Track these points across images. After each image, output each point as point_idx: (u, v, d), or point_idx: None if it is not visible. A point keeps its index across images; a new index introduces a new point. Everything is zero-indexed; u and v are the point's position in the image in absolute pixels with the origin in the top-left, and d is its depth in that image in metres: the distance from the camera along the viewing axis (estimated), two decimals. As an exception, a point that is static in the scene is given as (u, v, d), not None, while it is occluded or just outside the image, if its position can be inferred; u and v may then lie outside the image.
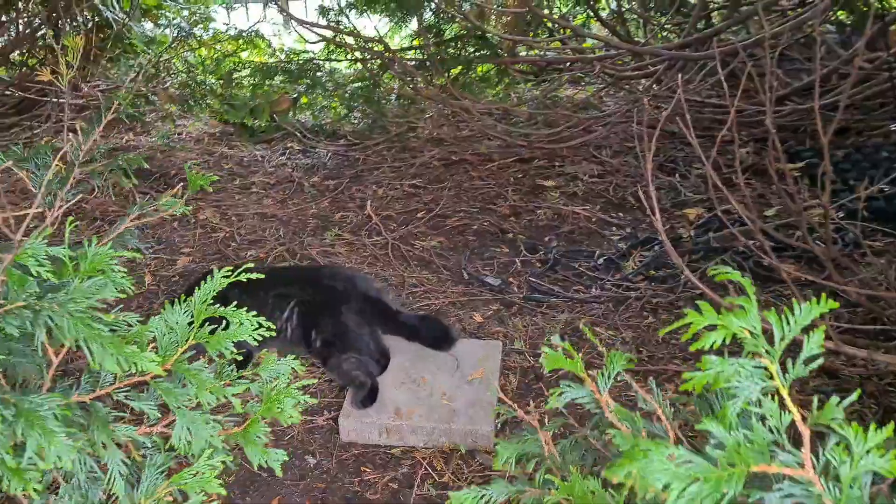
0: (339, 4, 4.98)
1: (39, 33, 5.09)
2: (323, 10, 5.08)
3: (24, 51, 5.28)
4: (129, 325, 1.34)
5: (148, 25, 6.09)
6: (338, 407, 2.53)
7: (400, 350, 2.70)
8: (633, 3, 6.14)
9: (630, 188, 4.25)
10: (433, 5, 5.02)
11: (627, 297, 3.19)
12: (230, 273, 1.34)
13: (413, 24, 5.16)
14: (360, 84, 5.48)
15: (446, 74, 5.04)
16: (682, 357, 2.77)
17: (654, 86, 5.03)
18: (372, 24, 5.05)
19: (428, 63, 5.03)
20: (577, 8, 6.04)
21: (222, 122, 5.71)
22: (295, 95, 5.68)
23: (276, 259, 3.60)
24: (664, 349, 2.83)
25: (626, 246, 3.61)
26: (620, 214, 3.99)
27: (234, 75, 5.55)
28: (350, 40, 5.13)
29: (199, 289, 1.32)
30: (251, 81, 5.47)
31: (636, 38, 6.00)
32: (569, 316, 3.07)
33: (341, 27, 5.16)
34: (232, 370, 1.41)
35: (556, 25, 4.70)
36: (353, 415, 2.43)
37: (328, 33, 5.07)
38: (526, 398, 2.60)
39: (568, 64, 5.13)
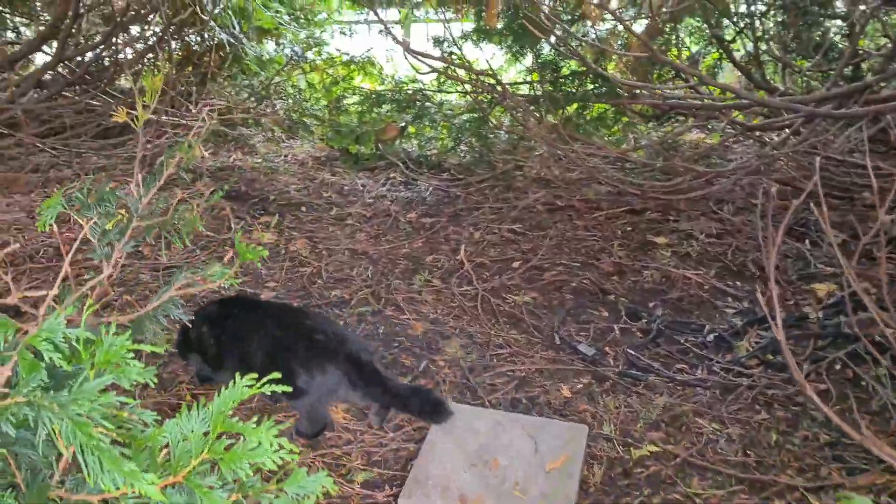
0: (452, 35, 4.86)
1: (149, 55, 5.23)
2: (437, 41, 4.97)
3: (133, 73, 5.47)
4: (145, 425, 1.20)
5: (270, 46, 6.21)
6: (401, 482, 2.34)
7: (473, 429, 2.48)
8: (772, 43, 5.70)
9: (752, 253, 3.87)
10: (552, 39, 4.81)
11: (738, 384, 2.84)
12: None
13: (528, 59, 4.97)
14: (468, 116, 5.34)
15: (560, 112, 4.82)
16: (798, 468, 2.41)
17: (791, 138, 4.61)
18: (486, 57, 4.90)
19: (541, 100, 4.82)
20: (709, 47, 5.66)
21: (328, 147, 5.71)
22: (402, 124, 5.61)
23: (358, 302, 3.47)
24: (776, 454, 2.48)
25: (742, 322, 3.25)
26: (738, 283, 3.63)
27: (343, 101, 5.53)
28: (462, 72, 4.99)
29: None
30: (359, 108, 5.43)
31: (774, 83, 5.56)
32: (668, 400, 2.76)
33: (454, 58, 5.04)
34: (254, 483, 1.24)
35: (679, 71, 4.39)
36: (413, 496, 2.23)
37: (440, 64, 4.95)
38: (610, 495, 2.32)
39: (693, 110, 4.79)
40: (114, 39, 5.22)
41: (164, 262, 3.74)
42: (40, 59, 5.61)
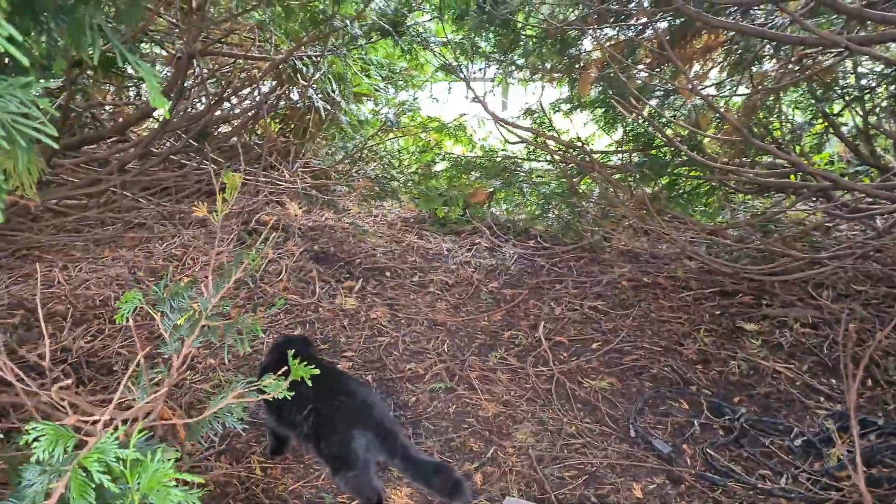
0: (543, 106, 4.89)
1: (251, 113, 5.49)
2: (528, 112, 5.01)
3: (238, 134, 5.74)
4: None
5: (369, 105, 6.42)
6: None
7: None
8: (882, 117, 5.45)
9: (851, 348, 3.65)
10: (644, 113, 4.76)
11: (827, 498, 2.66)
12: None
13: (620, 131, 4.93)
14: (556, 184, 5.33)
15: (651, 184, 4.74)
16: None
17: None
18: (577, 125, 4.89)
19: (631, 171, 4.76)
20: (814, 120, 5.46)
21: (417, 209, 5.81)
22: (491, 189, 5.65)
23: (432, 378, 3.48)
24: (866, 584, 2.29)
25: (835, 426, 3.06)
26: (833, 382, 3.42)
27: (433, 167, 5.64)
28: (551, 143, 5.00)
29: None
30: (447, 174, 5.52)
31: (885, 159, 5.30)
32: (748, 510, 2.61)
33: (544, 128, 5.06)
34: None
35: (782, 146, 4.23)
36: None
37: (528, 135, 4.98)
38: None
39: (793, 190, 4.60)
40: (223, 102, 5.52)
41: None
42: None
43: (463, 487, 2.35)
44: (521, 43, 4.93)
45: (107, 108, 6.12)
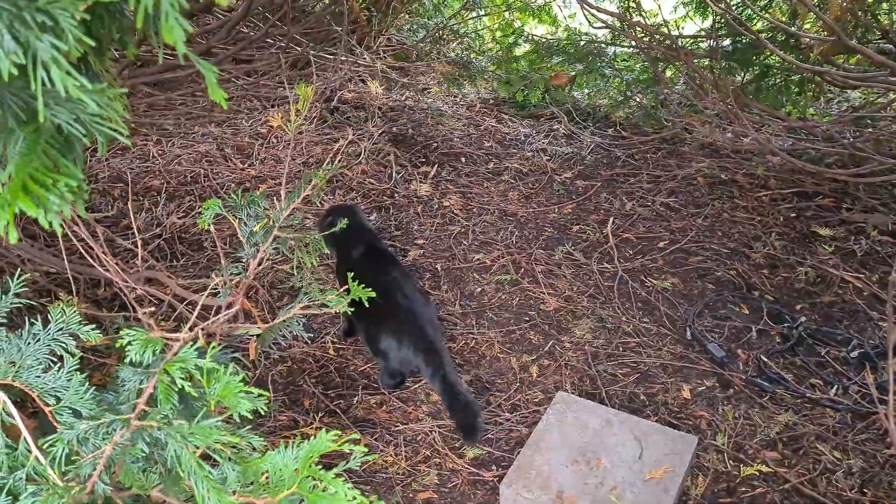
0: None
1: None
2: (614, -8, 4.80)
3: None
4: (254, 449, 1.43)
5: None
6: (507, 464, 2.53)
7: (583, 424, 2.59)
8: None
9: (929, 258, 3.56)
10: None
11: (873, 411, 2.72)
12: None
13: (710, 18, 4.67)
14: (640, 70, 5.16)
15: (742, 74, 4.54)
16: (918, 517, 2.33)
17: None
18: (662, 11, 4.66)
19: (719, 61, 4.55)
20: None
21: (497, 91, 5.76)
22: (574, 72, 5.52)
23: (499, 269, 3.62)
24: (898, 497, 2.40)
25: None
26: (903, 294, 3.37)
27: (515, 49, 5.52)
28: (637, 29, 4.80)
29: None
30: (528, 58, 5.40)
31: None
32: (792, 418, 2.71)
33: (631, 9, 4.85)
34: None
35: (890, 35, 3.91)
36: (514, 484, 2.40)
37: (614, 20, 4.79)
38: (708, 511, 2.38)
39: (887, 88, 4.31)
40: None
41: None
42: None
43: (475, 433, 2.55)
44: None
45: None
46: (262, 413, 1.43)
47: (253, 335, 2.89)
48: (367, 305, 2.94)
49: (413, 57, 5.18)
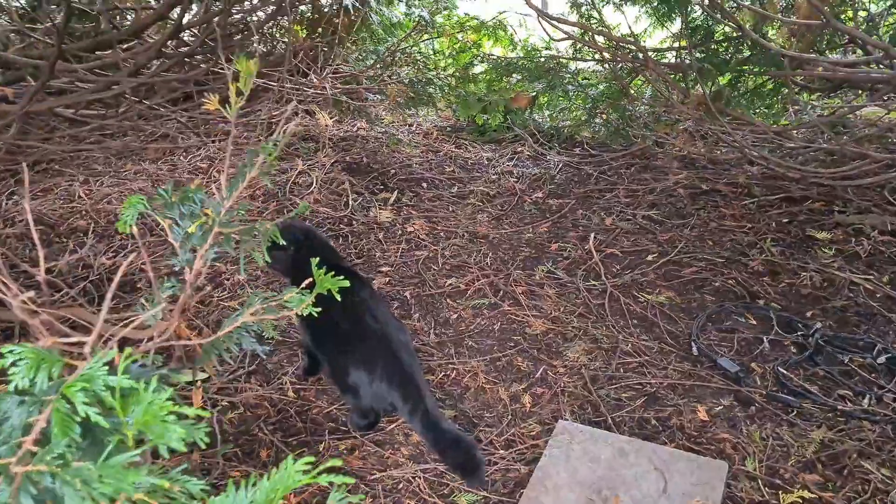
0: (592, -2, 4.48)
1: (268, 24, 5.16)
2: (574, 4, 4.60)
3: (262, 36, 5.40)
4: (192, 497, 1.03)
5: (401, 8, 6.01)
6: (507, 509, 2.13)
7: (592, 456, 2.22)
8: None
9: (937, 256, 3.33)
10: (704, 1, 4.32)
11: (916, 421, 2.41)
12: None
13: (677, 23, 4.50)
14: (606, 86, 4.95)
15: (710, 84, 4.35)
16: None
17: None
18: (627, 21, 4.48)
19: (689, 69, 4.36)
20: (894, 7, 4.94)
21: (454, 117, 5.49)
22: (534, 93, 5.30)
23: (475, 293, 3.26)
24: (964, 516, 2.07)
25: (923, 343, 2.79)
26: (919, 293, 3.12)
27: (471, 69, 5.28)
28: (600, 39, 4.60)
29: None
30: (486, 77, 5.16)
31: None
32: (827, 434, 2.38)
33: (592, 23, 4.65)
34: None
35: (861, 42, 3.78)
36: (520, 532, 2.01)
37: (576, 31, 4.59)
38: (750, 549, 2.01)
39: (870, 85, 4.18)
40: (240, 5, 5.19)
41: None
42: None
43: (480, 470, 2.13)
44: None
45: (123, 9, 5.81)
46: (203, 446, 1.03)
47: (196, 381, 2.47)
48: (333, 332, 2.60)
49: (363, 82, 4.89)
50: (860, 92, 4.90)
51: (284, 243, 2.63)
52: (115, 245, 3.59)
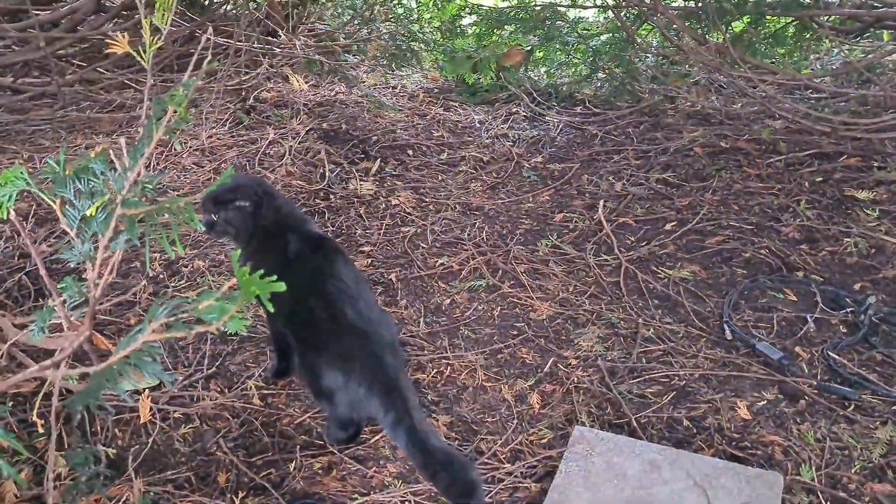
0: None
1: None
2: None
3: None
4: None
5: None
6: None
7: (617, 470, 1.86)
8: None
9: None
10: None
11: None
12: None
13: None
14: (608, 37, 4.53)
15: (725, 29, 3.93)
16: None
17: None
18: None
19: (702, 13, 3.94)
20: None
21: (442, 77, 5.07)
22: (529, 48, 4.87)
23: (470, 273, 2.88)
24: None
25: None
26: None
27: (459, 21, 4.84)
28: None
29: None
30: (476, 30, 4.73)
31: None
32: (894, 433, 2.02)
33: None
34: None
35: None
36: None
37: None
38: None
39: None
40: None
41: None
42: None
43: (478, 493, 1.74)
44: None
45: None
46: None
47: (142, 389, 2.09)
48: (302, 324, 2.20)
49: (339, 40, 4.46)
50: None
51: (240, 201, 2.22)
52: (58, 230, 3.19)
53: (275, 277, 0.92)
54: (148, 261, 1.10)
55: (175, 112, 1.11)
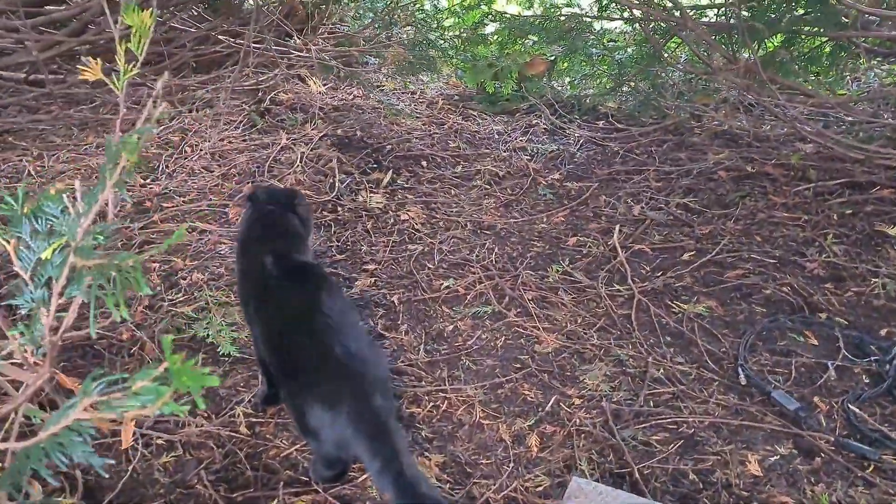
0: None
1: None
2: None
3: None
4: None
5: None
6: None
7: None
8: None
9: None
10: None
11: None
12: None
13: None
14: (634, 50, 4.40)
15: (757, 47, 3.79)
16: None
17: None
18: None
19: (733, 30, 3.80)
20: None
21: (462, 85, 4.97)
22: (552, 58, 4.76)
23: (475, 299, 2.79)
24: None
25: None
26: None
27: (481, 29, 4.74)
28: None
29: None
30: (498, 38, 4.63)
31: None
32: (917, 499, 1.90)
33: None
34: None
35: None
36: None
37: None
38: None
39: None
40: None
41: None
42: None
43: None
44: None
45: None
46: None
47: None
48: (288, 358, 2.12)
49: (359, 44, 4.37)
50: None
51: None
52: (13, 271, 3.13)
53: (208, 370, 0.83)
54: (94, 327, 1.00)
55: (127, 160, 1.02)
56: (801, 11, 3.83)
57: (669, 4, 3.97)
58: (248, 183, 3.59)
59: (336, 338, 1.92)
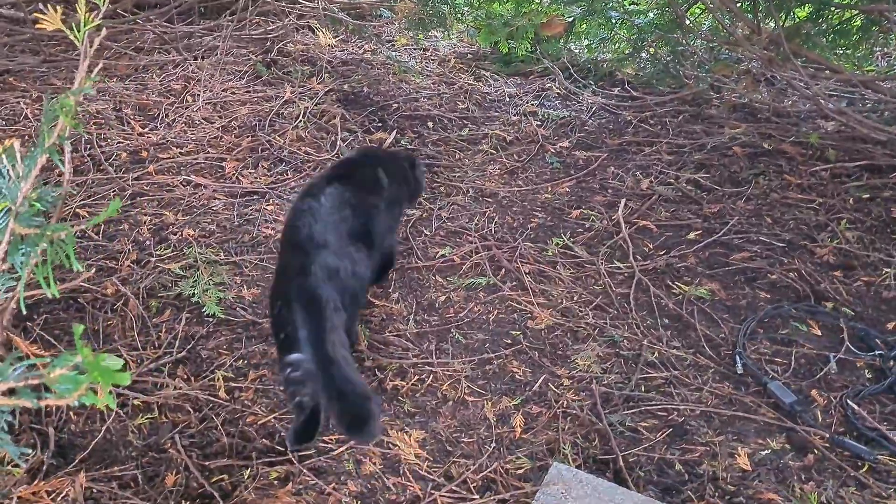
0: None
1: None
2: None
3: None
4: None
5: None
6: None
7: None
8: None
9: None
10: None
11: None
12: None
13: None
14: (656, 14, 4.24)
15: (784, 18, 3.64)
16: None
17: None
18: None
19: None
20: None
21: (477, 42, 4.83)
22: (570, 19, 4.60)
23: (470, 269, 2.73)
24: None
25: None
26: None
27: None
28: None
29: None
30: (516, -4, 4.49)
31: None
32: (912, 502, 1.85)
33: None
34: None
35: None
36: None
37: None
38: None
39: None
40: None
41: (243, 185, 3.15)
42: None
43: (371, 424, 1.78)
44: None
45: None
46: None
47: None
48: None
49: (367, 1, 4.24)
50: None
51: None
52: (51, 181, 3.09)
53: (121, 365, 0.77)
54: (23, 299, 0.95)
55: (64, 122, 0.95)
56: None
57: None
58: (247, 137, 3.52)
59: (309, 220, 2.13)
